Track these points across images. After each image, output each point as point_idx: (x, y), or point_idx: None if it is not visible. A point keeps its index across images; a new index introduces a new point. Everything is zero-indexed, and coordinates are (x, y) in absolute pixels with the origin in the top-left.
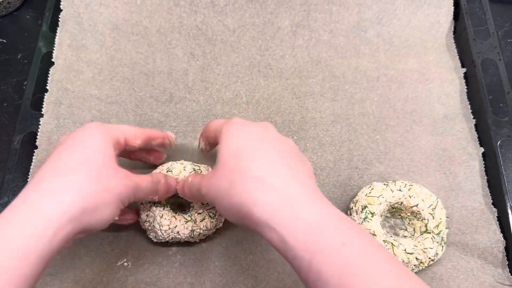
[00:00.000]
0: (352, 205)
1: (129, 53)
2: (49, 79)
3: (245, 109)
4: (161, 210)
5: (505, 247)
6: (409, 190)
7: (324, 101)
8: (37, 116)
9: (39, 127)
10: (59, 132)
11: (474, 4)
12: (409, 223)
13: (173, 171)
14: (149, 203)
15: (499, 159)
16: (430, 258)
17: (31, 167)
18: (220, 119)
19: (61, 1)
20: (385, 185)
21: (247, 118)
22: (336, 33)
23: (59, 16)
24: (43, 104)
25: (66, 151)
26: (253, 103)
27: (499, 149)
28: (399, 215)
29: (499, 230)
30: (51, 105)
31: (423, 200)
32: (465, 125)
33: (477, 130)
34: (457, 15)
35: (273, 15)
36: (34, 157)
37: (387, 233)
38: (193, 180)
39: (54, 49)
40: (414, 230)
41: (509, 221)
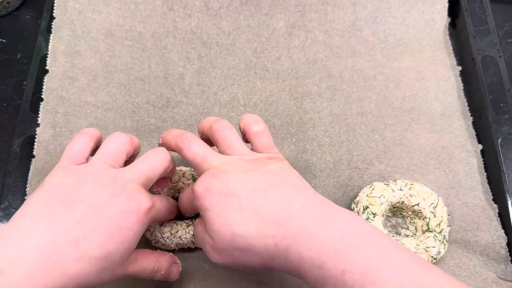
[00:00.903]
0: (353, 206)
1: (124, 59)
2: (44, 87)
3: (243, 112)
4: None
5: (507, 243)
6: (410, 189)
7: (322, 102)
8: (36, 119)
9: (36, 135)
10: (56, 141)
11: (474, 4)
12: (410, 222)
13: (172, 178)
14: None
15: (500, 157)
16: (432, 256)
17: (29, 175)
18: (209, 118)
19: (54, 9)
20: (385, 184)
21: None
22: (331, 33)
23: (52, 23)
24: (39, 113)
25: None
26: (251, 105)
27: (499, 147)
28: (401, 214)
29: (500, 226)
30: (47, 114)
31: (424, 199)
32: (462, 122)
33: (477, 127)
34: (456, 13)
35: (268, 17)
36: (31, 165)
37: (389, 232)
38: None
39: (48, 56)
40: (416, 229)
41: (510, 218)
